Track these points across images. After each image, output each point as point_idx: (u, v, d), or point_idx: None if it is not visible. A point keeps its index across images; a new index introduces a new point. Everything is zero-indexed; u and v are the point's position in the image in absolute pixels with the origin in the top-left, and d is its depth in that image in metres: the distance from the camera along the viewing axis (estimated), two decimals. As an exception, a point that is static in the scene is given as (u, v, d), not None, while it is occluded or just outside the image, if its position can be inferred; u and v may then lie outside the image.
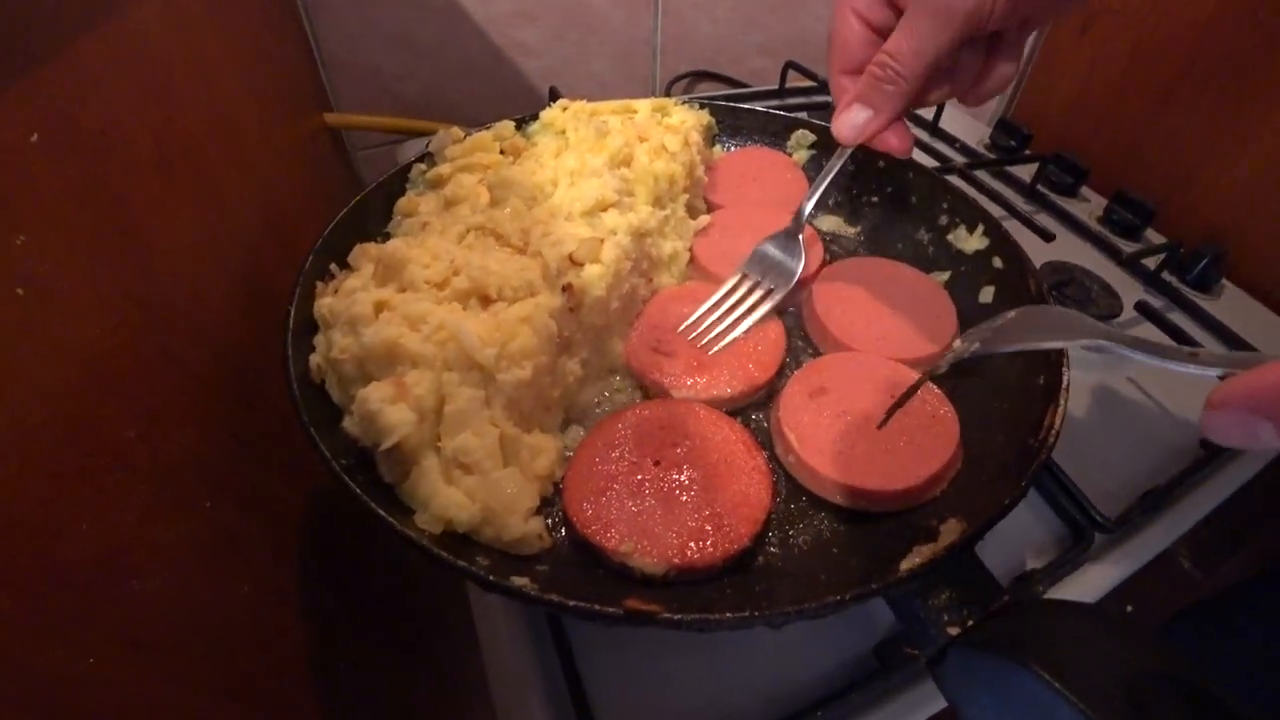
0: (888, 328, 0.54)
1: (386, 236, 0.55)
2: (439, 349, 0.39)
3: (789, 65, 1.00)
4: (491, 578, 0.33)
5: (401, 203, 0.56)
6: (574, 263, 0.45)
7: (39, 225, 0.31)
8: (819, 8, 1.09)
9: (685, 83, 1.08)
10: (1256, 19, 0.72)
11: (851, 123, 0.47)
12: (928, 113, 0.95)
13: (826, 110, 0.93)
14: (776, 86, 1.01)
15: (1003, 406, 0.47)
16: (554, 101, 0.64)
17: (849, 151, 0.51)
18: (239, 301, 0.51)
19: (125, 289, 0.37)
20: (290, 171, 0.71)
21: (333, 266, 0.49)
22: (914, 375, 0.49)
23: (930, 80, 0.44)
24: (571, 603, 0.32)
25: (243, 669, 0.42)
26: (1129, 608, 0.53)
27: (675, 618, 0.32)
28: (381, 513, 0.34)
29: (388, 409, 0.36)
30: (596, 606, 0.32)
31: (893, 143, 0.48)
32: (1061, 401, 0.42)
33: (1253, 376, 0.23)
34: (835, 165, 0.53)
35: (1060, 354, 0.45)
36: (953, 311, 0.55)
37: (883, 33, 0.45)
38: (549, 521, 0.42)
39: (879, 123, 0.46)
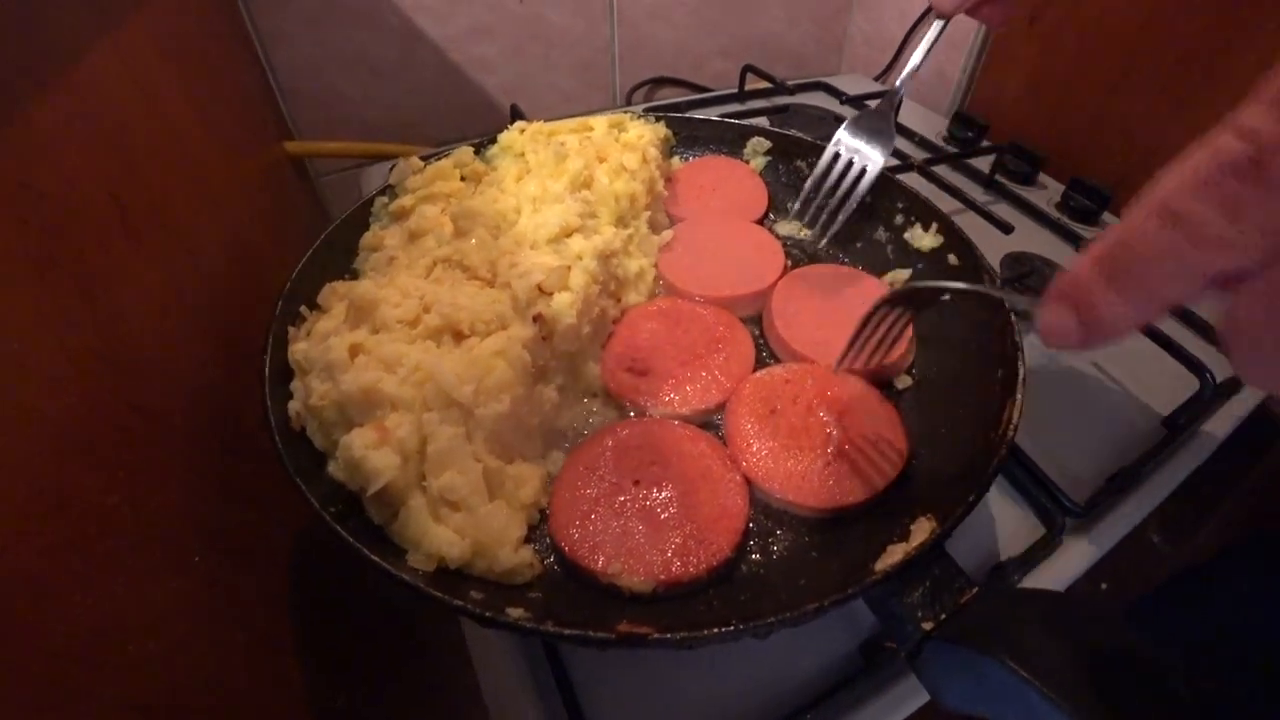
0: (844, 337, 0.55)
1: (354, 273, 0.55)
2: (417, 390, 0.40)
3: (747, 68, 1.01)
4: (488, 614, 0.34)
5: (366, 238, 0.56)
6: (543, 292, 0.46)
7: (3, 299, 0.31)
8: (775, 10, 1.10)
9: (646, 89, 1.09)
10: (1194, 7, 0.75)
11: None
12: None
13: (787, 112, 0.95)
14: (736, 90, 1.02)
15: (965, 402, 0.49)
16: (515, 120, 0.64)
17: (944, 24, 0.53)
18: (211, 346, 0.51)
19: (95, 350, 0.37)
20: (254, 204, 0.71)
21: (303, 309, 0.49)
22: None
23: None
24: (567, 631, 0.33)
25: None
26: (1103, 585, 0.55)
27: (666, 637, 0.33)
28: (375, 559, 0.35)
29: (372, 454, 0.37)
30: (590, 633, 0.33)
31: (993, 16, 0.50)
32: (1018, 395, 0.44)
33: (1061, 275, 0.24)
34: (932, 38, 0.55)
35: (1016, 348, 0.47)
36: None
37: None
38: (537, 547, 0.43)
39: None
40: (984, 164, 0.86)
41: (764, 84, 1.02)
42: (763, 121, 0.86)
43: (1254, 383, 0.19)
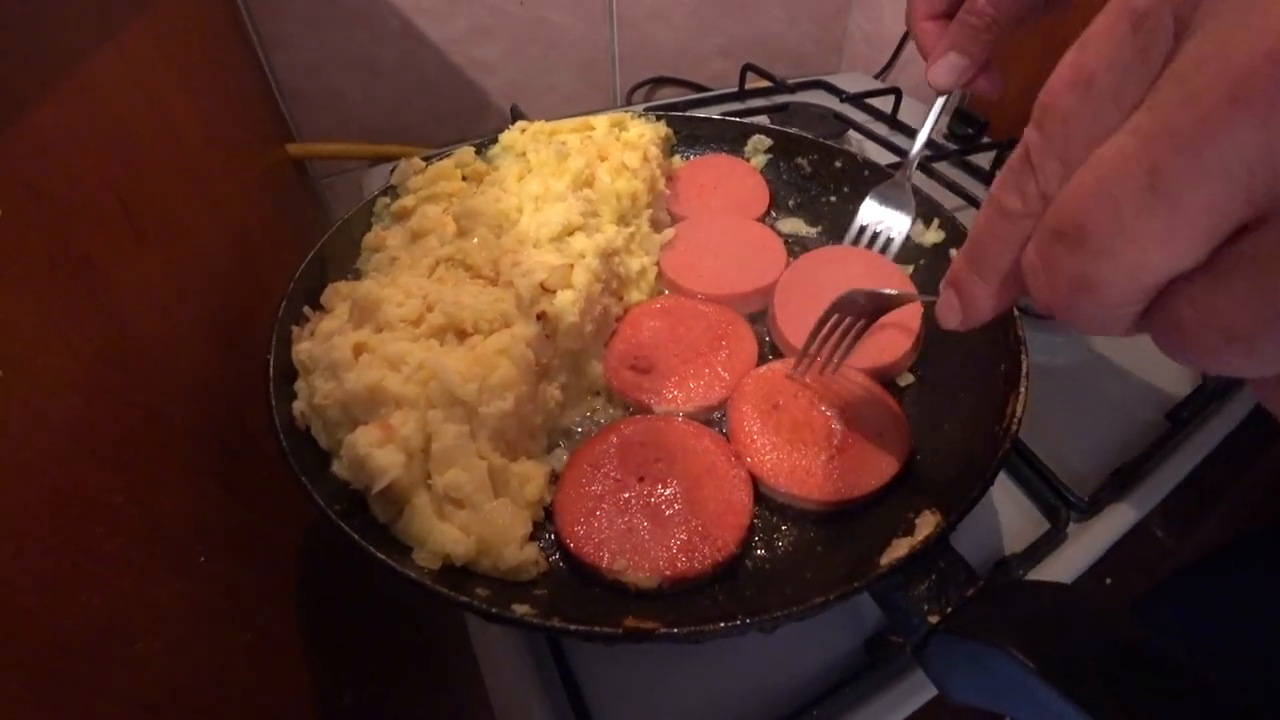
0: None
1: (356, 273, 0.55)
2: (421, 388, 0.40)
3: (747, 67, 1.01)
4: (494, 610, 0.34)
5: (369, 238, 0.56)
6: (546, 290, 0.46)
7: (11, 301, 0.32)
8: (775, 9, 1.10)
9: (646, 89, 1.09)
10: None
11: (949, 68, 0.49)
12: (886, 105, 0.97)
13: (787, 110, 0.95)
14: (736, 89, 1.02)
15: (968, 396, 0.49)
16: (516, 120, 0.64)
17: (945, 98, 0.54)
18: (215, 347, 0.51)
19: (101, 352, 0.37)
20: (257, 206, 0.71)
21: (306, 309, 0.50)
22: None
23: (1018, 21, 0.46)
24: (573, 626, 0.33)
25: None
26: (1107, 580, 0.55)
27: (672, 631, 0.33)
28: (381, 556, 0.35)
29: (376, 452, 0.37)
30: (596, 628, 0.33)
31: (986, 86, 0.50)
32: (1022, 389, 0.44)
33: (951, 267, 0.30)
34: (935, 112, 0.55)
35: (1019, 342, 0.47)
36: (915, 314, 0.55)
37: None
38: (542, 545, 0.43)
39: (974, 68, 0.48)
40: (985, 160, 0.86)
41: (764, 83, 1.02)
42: (763, 120, 0.87)
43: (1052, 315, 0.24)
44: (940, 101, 0.54)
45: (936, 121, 0.57)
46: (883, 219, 0.59)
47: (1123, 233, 0.18)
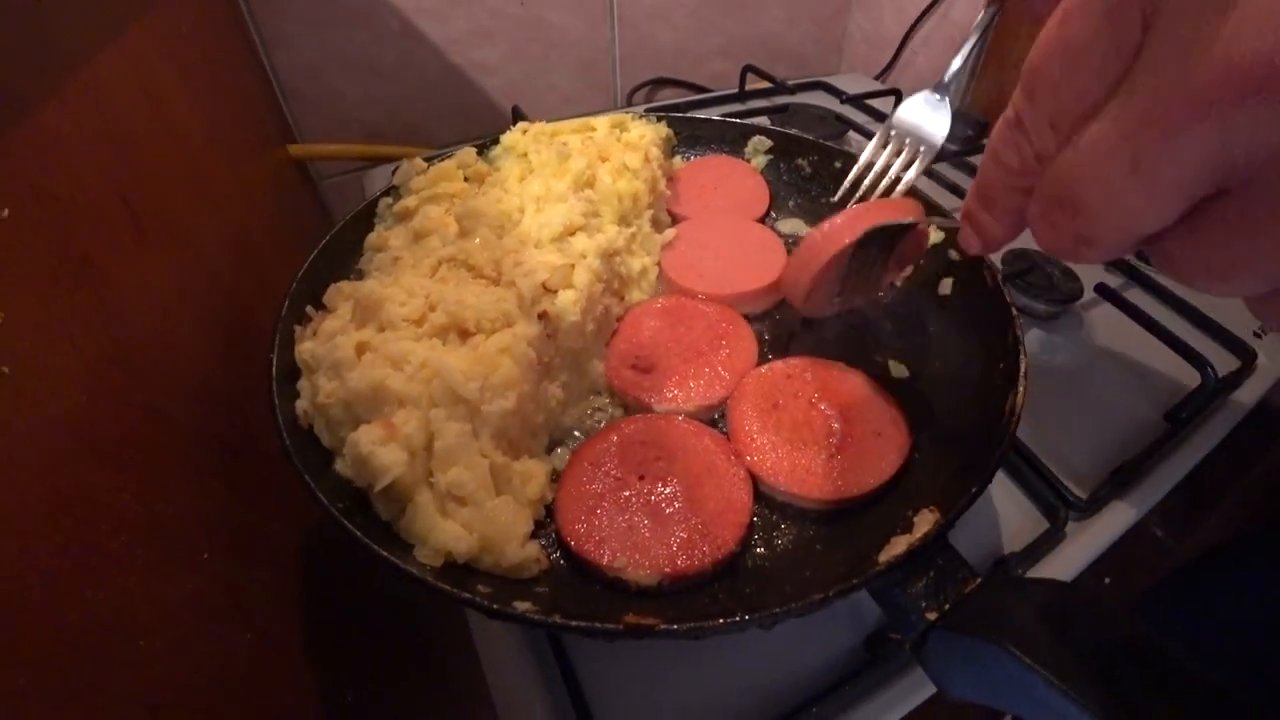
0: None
1: (359, 273, 0.56)
2: (424, 387, 0.40)
3: (748, 68, 1.02)
4: (495, 606, 0.34)
5: (371, 238, 0.57)
6: (548, 290, 0.46)
7: (16, 301, 0.32)
8: (775, 9, 1.11)
9: (646, 90, 1.09)
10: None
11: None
12: (886, 106, 0.98)
13: (787, 111, 0.96)
14: (737, 90, 1.02)
15: (967, 394, 0.49)
16: (518, 121, 0.65)
17: (997, 11, 0.52)
18: (216, 347, 0.51)
19: (105, 352, 0.38)
20: (258, 207, 0.72)
21: (309, 309, 0.50)
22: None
23: None
24: (574, 623, 0.34)
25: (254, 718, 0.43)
26: (1106, 580, 0.55)
27: (672, 628, 0.34)
28: (384, 553, 0.35)
29: (379, 450, 0.37)
30: (598, 624, 0.34)
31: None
32: (1020, 387, 0.44)
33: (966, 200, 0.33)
34: (984, 23, 0.53)
35: (1016, 341, 0.47)
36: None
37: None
38: (543, 543, 0.43)
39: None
40: (984, 161, 0.86)
41: (764, 84, 1.02)
42: (763, 121, 0.87)
43: (1042, 243, 0.28)
44: (988, 11, 0.51)
45: (983, 36, 0.54)
46: (911, 130, 0.55)
47: (1112, 203, 0.23)
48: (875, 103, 0.99)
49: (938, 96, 0.57)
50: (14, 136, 0.34)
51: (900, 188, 0.54)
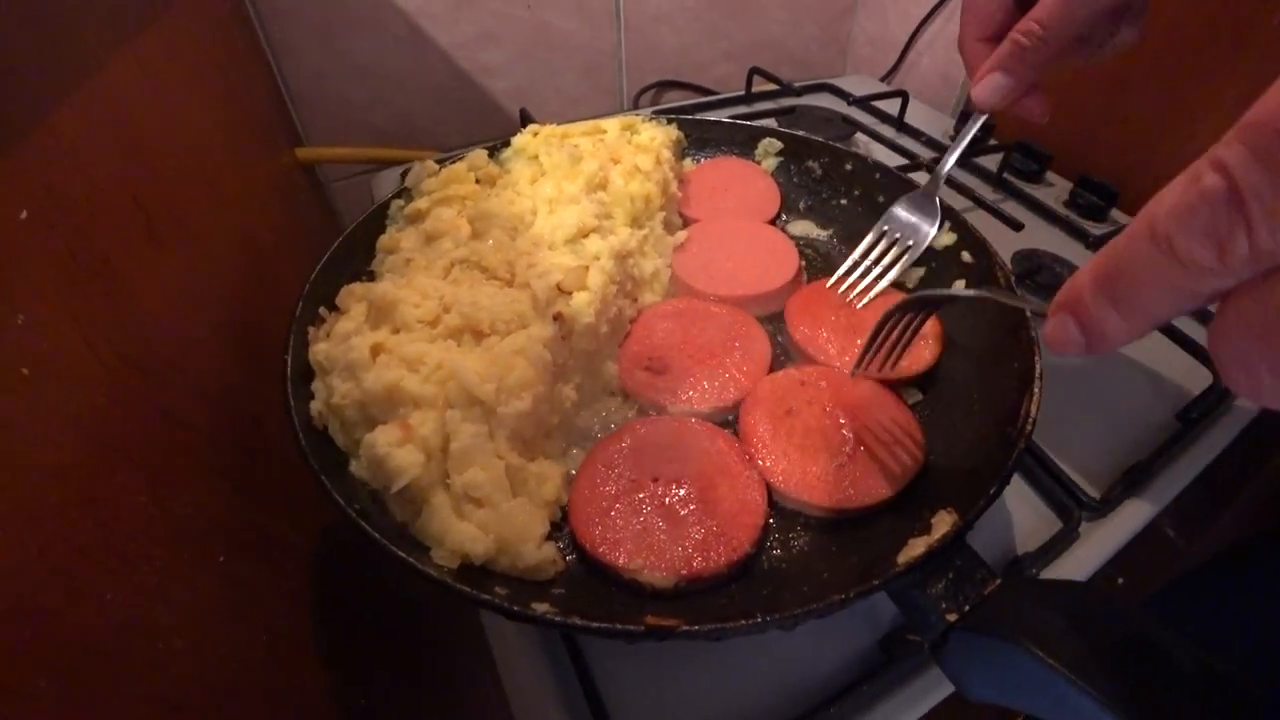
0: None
1: (371, 275, 0.56)
2: (440, 388, 0.40)
3: (754, 71, 1.02)
4: (515, 608, 0.34)
5: (383, 240, 0.57)
6: (562, 292, 0.46)
7: (35, 302, 0.32)
8: (779, 12, 1.11)
9: (652, 93, 1.09)
10: (1199, 4, 0.76)
11: (993, 88, 0.48)
12: (892, 107, 0.98)
13: (793, 114, 0.96)
14: (743, 92, 1.02)
15: (983, 397, 0.49)
16: (526, 125, 0.65)
17: (984, 117, 0.53)
18: (229, 349, 0.51)
19: (122, 353, 0.38)
20: (266, 210, 0.72)
21: (321, 310, 0.50)
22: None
23: (1068, 47, 0.45)
24: (595, 624, 0.34)
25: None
26: (1119, 580, 0.55)
27: (693, 629, 0.34)
28: (401, 554, 0.35)
29: (396, 452, 0.37)
30: (619, 626, 0.33)
31: (1035, 109, 0.49)
32: (1036, 389, 0.44)
33: (1065, 287, 0.26)
34: (971, 129, 0.55)
35: (1031, 344, 0.47)
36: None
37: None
38: (559, 544, 0.43)
39: (1018, 90, 0.47)
40: (992, 162, 0.86)
41: (770, 86, 1.02)
42: (770, 123, 0.87)
43: (1243, 393, 0.20)
44: (979, 120, 0.53)
45: (969, 140, 0.55)
46: (905, 227, 0.58)
47: None
48: (882, 105, 0.99)
49: (927, 194, 0.59)
50: (31, 138, 0.34)
51: (891, 274, 0.57)
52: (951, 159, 0.57)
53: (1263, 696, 0.28)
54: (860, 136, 0.91)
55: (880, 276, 0.56)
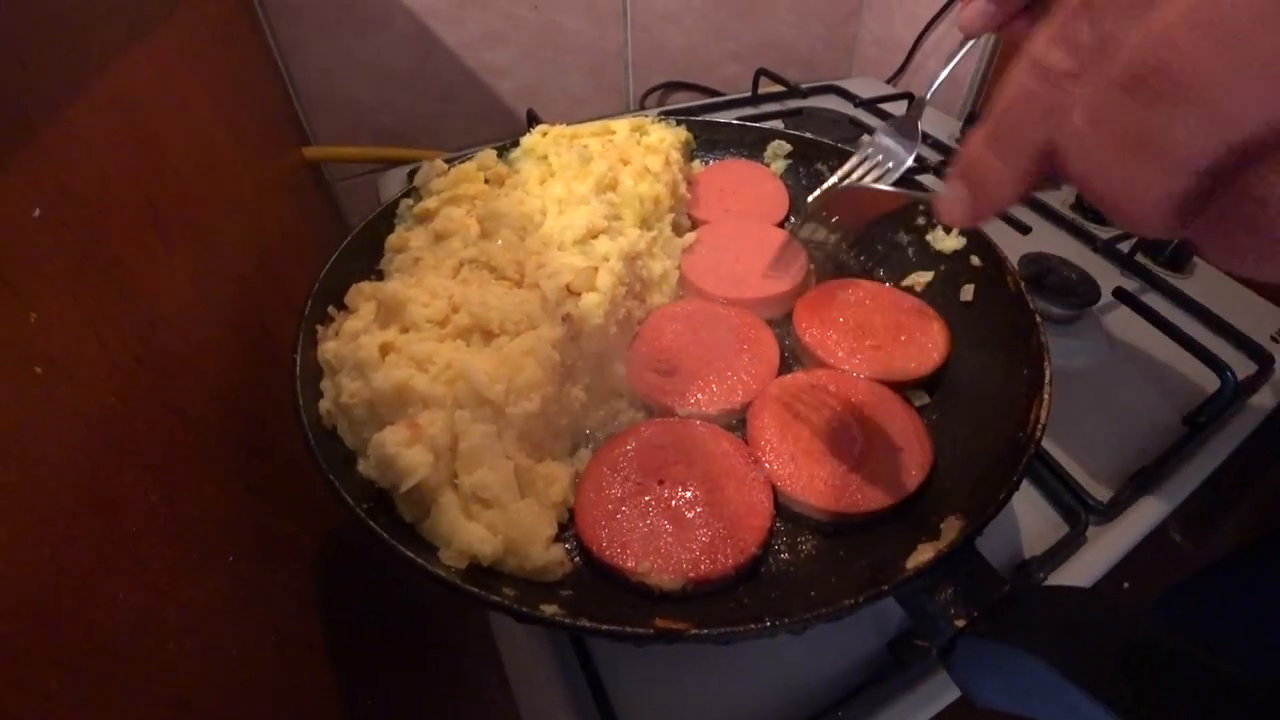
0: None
1: (379, 274, 0.56)
2: (449, 388, 0.40)
3: (760, 72, 1.02)
4: (524, 609, 0.34)
5: (392, 239, 0.57)
6: (571, 293, 0.46)
7: (48, 300, 0.32)
8: (786, 13, 1.11)
9: (659, 94, 1.09)
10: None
11: (978, 12, 0.47)
12: (899, 110, 0.98)
13: (800, 115, 0.96)
14: (750, 94, 1.02)
15: (991, 400, 0.49)
16: (532, 125, 0.65)
17: (972, 43, 0.53)
18: (237, 348, 0.51)
19: (133, 352, 0.38)
20: (274, 208, 0.72)
21: (330, 309, 0.50)
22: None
23: None
24: (604, 626, 0.33)
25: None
26: (1125, 584, 0.55)
27: (703, 632, 0.34)
28: (410, 554, 0.35)
29: (404, 452, 0.37)
30: (628, 628, 0.33)
31: (1025, 25, 0.48)
32: (1045, 394, 0.44)
33: (956, 156, 0.26)
34: (958, 54, 0.55)
35: (1041, 348, 0.47)
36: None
37: None
38: (567, 546, 0.43)
39: (1003, 14, 0.47)
40: (998, 165, 0.86)
41: (777, 87, 1.02)
42: (777, 124, 0.87)
43: (1094, 198, 0.21)
44: (968, 45, 0.54)
45: (956, 63, 0.56)
46: (886, 150, 0.59)
47: (1222, 75, 0.16)
48: (889, 106, 0.99)
49: (910, 118, 0.59)
50: (44, 137, 0.34)
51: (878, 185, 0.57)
52: (938, 81, 0.56)
53: (1273, 701, 0.28)
54: (868, 139, 0.91)
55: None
